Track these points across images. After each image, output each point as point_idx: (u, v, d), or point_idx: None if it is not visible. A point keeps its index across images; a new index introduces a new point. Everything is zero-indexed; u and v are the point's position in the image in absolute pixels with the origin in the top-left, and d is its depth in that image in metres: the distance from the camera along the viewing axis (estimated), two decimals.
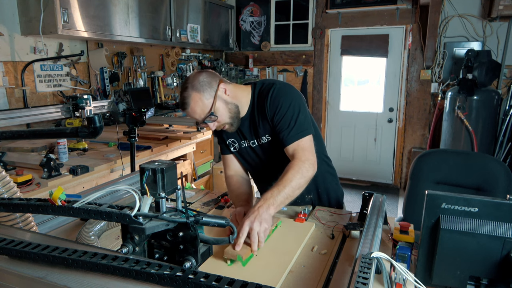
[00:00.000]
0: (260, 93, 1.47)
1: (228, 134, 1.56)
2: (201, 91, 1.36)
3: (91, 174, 2.11)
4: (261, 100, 1.46)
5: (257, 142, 1.54)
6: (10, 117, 2.54)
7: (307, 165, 1.35)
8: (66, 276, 0.71)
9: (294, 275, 1.04)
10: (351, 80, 5.17)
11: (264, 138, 1.51)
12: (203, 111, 1.38)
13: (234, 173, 1.62)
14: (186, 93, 1.36)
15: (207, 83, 1.38)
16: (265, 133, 1.50)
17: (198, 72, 1.41)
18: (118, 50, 3.73)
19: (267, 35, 5.30)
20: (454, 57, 4.26)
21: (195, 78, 1.38)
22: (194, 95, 1.36)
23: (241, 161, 1.63)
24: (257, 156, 1.58)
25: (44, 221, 1.24)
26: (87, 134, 1.45)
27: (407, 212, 1.93)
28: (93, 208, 0.77)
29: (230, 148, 1.60)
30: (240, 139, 1.56)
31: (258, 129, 1.50)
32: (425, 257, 0.94)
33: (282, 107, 1.42)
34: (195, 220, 0.76)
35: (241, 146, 1.58)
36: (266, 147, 1.54)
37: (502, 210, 0.86)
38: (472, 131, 3.73)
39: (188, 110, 1.39)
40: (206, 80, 1.38)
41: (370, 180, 5.09)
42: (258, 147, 1.55)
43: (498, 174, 1.75)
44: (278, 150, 1.49)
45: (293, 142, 1.40)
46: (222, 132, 1.56)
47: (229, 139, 1.58)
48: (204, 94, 1.36)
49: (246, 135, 1.54)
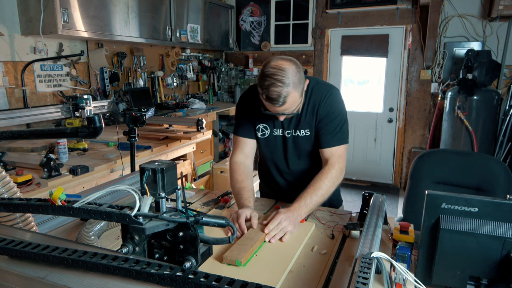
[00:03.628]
0: (316, 90, 1.52)
1: (261, 119, 1.56)
2: (298, 89, 1.36)
3: (91, 174, 2.11)
4: (316, 96, 1.51)
5: (293, 133, 1.56)
6: (10, 117, 2.54)
7: (339, 173, 1.47)
8: (66, 276, 0.71)
9: (294, 275, 1.04)
10: (351, 80, 5.17)
11: (302, 131, 1.54)
12: (293, 107, 1.39)
13: (243, 160, 1.60)
14: (286, 90, 1.31)
15: (302, 80, 1.37)
16: (306, 127, 1.54)
17: (293, 64, 1.35)
18: (118, 50, 3.73)
19: (267, 35, 5.30)
20: (454, 57, 4.26)
21: (294, 74, 1.33)
22: (293, 94, 1.34)
23: (262, 148, 1.64)
24: (285, 147, 1.59)
25: (44, 221, 1.24)
26: (87, 134, 1.45)
27: (407, 212, 1.93)
28: (93, 208, 0.77)
29: (257, 132, 1.59)
30: (273, 126, 1.57)
31: (301, 122, 1.53)
32: (425, 257, 0.94)
33: (335, 112, 1.50)
34: (195, 220, 0.76)
35: (272, 134, 1.58)
36: (299, 140, 1.56)
37: (502, 210, 0.86)
38: (472, 131, 3.72)
39: (283, 106, 1.35)
40: (301, 76, 1.36)
41: (370, 180, 5.09)
42: (291, 139, 1.57)
43: (498, 174, 1.75)
44: (308, 146, 1.57)
45: (332, 146, 1.50)
46: (254, 115, 1.56)
47: (261, 124, 1.58)
48: (299, 92, 1.37)
49: (284, 123, 1.55)
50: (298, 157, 1.62)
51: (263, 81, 1.33)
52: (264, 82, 1.32)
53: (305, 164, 1.64)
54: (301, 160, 1.63)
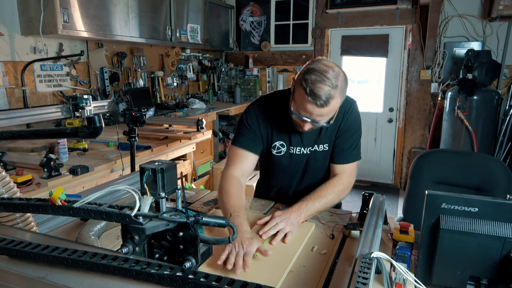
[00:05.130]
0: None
1: (279, 135, 1.47)
2: (342, 98, 1.26)
3: (91, 174, 2.10)
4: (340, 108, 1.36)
5: (312, 149, 1.49)
6: (10, 117, 2.54)
7: (346, 188, 1.45)
8: (66, 276, 0.71)
9: (294, 275, 1.04)
10: (351, 80, 5.17)
11: (321, 146, 1.49)
12: (329, 116, 1.28)
13: (239, 176, 1.44)
14: (334, 92, 1.21)
15: (346, 91, 1.27)
16: (326, 142, 1.48)
17: (342, 71, 1.26)
18: (118, 50, 3.73)
19: (267, 35, 5.30)
20: (454, 57, 4.26)
21: (343, 81, 1.24)
22: (337, 100, 1.23)
23: (273, 165, 1.54)
24: (298, 163, 1.51)
25: (44, 221, 1.24)
26: (87, 134, 1.45)
27: (407, 212, 1.93)
28: (93, 208, 0.77)
29: (272, 150, 1.49)
30: (289, 143, 1.48)
31: (320, 136, 1.47)
32: (425, 257, 0.94)
33: (354, 128, 1.48)
34: (195, 220, 0.76)
35: (289, 151, 1.49)
36: (316, 156, 1.50)
37: (502, 210, 0.86)
38: (472, 131, 3.72)
39: (322, 109, 1.22)
40: (346, 86, 1.27)
41: (370, 180, 5.09)
42: (307, 155, 1.50)
43: (498, 174, 1.75)
44: (323, 163, 1.53)
45: (346, 163, 1.48)
46: (272, 128, 1.47)
47: (278, 141, 1.48)
48: (341, 102, 1.27)
49: (304, 140, 1.47)
50: (307, 174, 1.55)
51: (309, 75, 1.21)
52: (311, 76, 1.21)
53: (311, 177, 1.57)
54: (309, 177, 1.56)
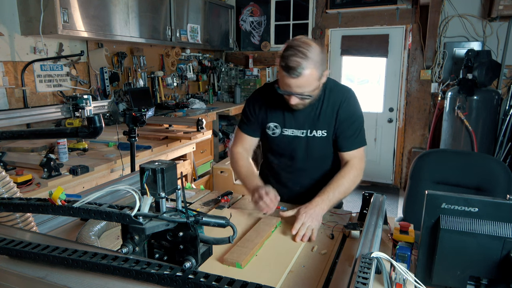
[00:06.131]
0: (336, 91, 1.51)
1: (273, 117, 1.55)
2: (318, 69, 1.33)
3: (91, 174, 2.10)
4: (336, 96, 1.49)
5: (308, 133, 1.52)
6: (10, 117, 2.54)
7: (359, 173, 1.48)
8: (66, 276, 0.71)
9: (294, 275, 1.04)
10: (351, 80, 5.17)
11: (319, 132, 1.51)
12: (308, 88, 1.35)
13: (243, 151, 1.63)
14: (306, 63, 1.29)
15: (323, 63, 1.34)
16: (324, 128, 1.51)
17: (318, 45, 1.34)
18: (118, 50, 3.73)
19: (267, 35, 5.30)
20: (454, 57, 4.26)
21: (318, 53, 1.31)
22: (313, 71, 1.31)
23: (271, 147, 1.61)
24: (295, 147, 1.55)
25: (44, 221, 1.24)
26: (87, 134, 1.45)
27: (407, 212, 1.93)
28: (93, 208, 0.77)
29: (267, 131, 1.57)
30: (283, 125, 1.54)
31: (319, 120, 1.50)
32: (425, 257, 0.94)
33: (356, 115, 1.51)
34: (195, 220, 0.76)
35: (283, 133, 1.55)
36: (314, 142, 1.53)
37: (502, 210, 0.86)
38: (472, 131, 3.72)
39: (298, 80, 1.31)
40: (323, 58, 1.34)
41: (370, 180, 5.09)
42: (305, 140, 1.53)
43: (498, 174, 1.75)
44: (321, 150, 1.55)
45: (354, 149, 1.50)
46: (264, 112, 1.56)
47: (272, 122, 1.56)
48: (318, 73, 1.34)
49: (299, 121, 1.52)
50: (307, 161, 1.57)
51: (285, 51, 1.31)
52: (286, 52, 1.31)
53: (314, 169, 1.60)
54: (310, 164, 1.58)
